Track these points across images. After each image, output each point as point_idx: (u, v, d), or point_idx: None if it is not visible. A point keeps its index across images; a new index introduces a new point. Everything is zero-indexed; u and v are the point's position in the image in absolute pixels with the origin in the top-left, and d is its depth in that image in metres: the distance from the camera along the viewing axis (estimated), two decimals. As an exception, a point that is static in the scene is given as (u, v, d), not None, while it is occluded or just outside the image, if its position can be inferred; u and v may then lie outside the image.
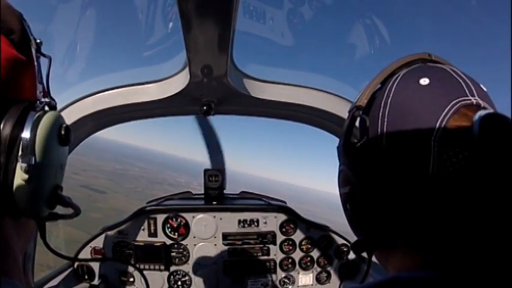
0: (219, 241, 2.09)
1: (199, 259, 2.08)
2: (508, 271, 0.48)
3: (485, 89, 0.58)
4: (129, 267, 2.05)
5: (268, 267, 2.13)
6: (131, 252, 2.02)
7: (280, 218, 2.13)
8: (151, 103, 1.71)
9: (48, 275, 1.86)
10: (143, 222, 2.04)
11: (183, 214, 2.07)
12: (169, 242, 2.06)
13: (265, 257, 2.13)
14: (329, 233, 2.18)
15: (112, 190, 36.82)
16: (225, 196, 2.24)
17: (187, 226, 2.07)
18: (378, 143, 0.59)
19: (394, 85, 0.60)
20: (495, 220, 0.51)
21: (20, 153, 0.54)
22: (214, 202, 2.14)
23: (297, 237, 2.15)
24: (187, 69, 1.45)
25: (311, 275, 2.19)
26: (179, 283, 2.09)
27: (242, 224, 2.10)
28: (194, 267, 2.08)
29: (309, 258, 2.18)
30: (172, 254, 2.07)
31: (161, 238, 2.05)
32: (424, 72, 0.59)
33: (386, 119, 0.59)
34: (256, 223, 2.11)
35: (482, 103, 0.54)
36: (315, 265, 2.18)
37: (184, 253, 2.08)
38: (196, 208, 2.10)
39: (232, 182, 2.34)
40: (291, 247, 2.15)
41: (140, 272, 1.67)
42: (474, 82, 0.57)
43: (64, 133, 0.62)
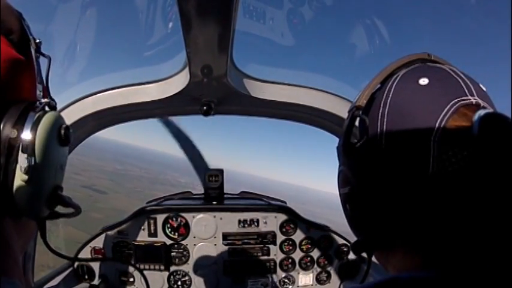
0: (219, 241, 2.09)
1: (199, 259, 2.08)
2: (508, 271, 0.48)
3: (484, 89, 0.58)
4: (129, 267, 2.05)
5: (268, 267, 2.13)
6: (131, 252, 2.02)
7: (280, 218, 2.13)
8: (151, 103, 1.71)
9: (48, 275, 1.86)
10: (143, 222, 2.04)
11: (183, 214, 2.07)
12: (169, 242, 2.06)
13: (265, 257, 2.13)
14: (329, 233, 2.18)
15: (113, 190, 36.83)
16: (225, 196, 2.24)
17: (187, 226, 2.07)
18: (378, 143, 0.59)
19: (394, 85, 0.60)
20: (495, 220, 0.51)
21: (20, 153, 0.54)
22: (214, 202, 2.14)
23: (297, 237, 2.15)
24: (187, 69, 1.45)
25: (311, 275, 2.19)
26: (179, 283, 2.09)
27: (242, 224, 2.10)
28: (194, 267, 2.08)
29: (309, 258, 2.18)
30: (172, 254, 2.07)
31: (161, 238, 2.05)
32: (424, 72, 0.59)
33: (385, 119, 0.58)
34: (256, 223, 2.11)
35: (481, 103, 0.54)
36: (315, 265, 2.18)
37: (184, 253, 2.08)
38: (196, 208, 2.09)
39: (232, 182, 2.34)
40: (291, 247, 2.15)
41: (140, 272, 1.67)
42: (473, 82, 0.57)
43: (64, 133, 0.62)
